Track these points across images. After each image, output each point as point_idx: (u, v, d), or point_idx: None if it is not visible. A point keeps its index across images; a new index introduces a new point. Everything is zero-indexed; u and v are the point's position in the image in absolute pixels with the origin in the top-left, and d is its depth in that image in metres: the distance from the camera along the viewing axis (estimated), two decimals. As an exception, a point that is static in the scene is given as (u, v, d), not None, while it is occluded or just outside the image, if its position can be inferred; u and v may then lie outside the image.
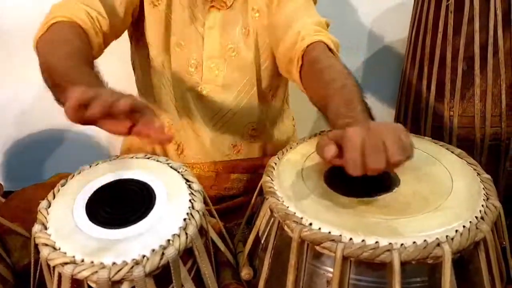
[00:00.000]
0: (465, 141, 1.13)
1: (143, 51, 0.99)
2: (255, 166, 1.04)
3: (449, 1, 1.09)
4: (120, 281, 0.52)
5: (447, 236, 0.54)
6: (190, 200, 0.61)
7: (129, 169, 0.67)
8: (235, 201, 1.01)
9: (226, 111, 1.00)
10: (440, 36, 1.12)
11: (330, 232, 0.56)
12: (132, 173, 0.66)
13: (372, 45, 1.60)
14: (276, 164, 0.71)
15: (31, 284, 0.64)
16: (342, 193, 0.63)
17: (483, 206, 0.60)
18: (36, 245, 0.58)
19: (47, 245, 0.55)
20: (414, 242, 0.53)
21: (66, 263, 0.52)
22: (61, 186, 0.65)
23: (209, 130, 1.01)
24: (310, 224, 0.58)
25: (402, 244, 0.53)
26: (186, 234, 0.56)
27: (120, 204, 0.62)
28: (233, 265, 0.70)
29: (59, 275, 0.54)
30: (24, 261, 0.73)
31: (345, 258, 0.55)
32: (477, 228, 0.56)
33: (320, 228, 0.57)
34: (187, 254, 0.58)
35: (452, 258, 0.53)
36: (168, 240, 0.55)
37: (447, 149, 0.73)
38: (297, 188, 0.65)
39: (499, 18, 1.05)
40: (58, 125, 1.51)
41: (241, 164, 1.04)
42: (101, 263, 0.52)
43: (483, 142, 1.12)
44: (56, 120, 1.52)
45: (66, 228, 0.57)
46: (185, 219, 0.58)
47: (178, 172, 0.67)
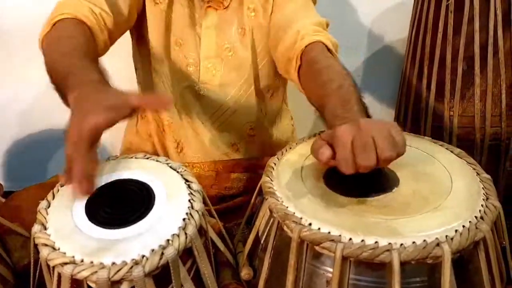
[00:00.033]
0: (465, 141, 1.13)
1: (145, 49, 0.99)
2: (255, 166, 1.04)
3: (449, 1, 1.09)
4: (119, 281, 0.52)
5: (446, 236, 0.54)
6: (189, 200, 0.61)
7: (129, 169, 0.67)
8: (234, 201, 1.01)
9: (224, 110, 1.00)
10: (440, 36, 1.12)
11: (329, 232, 0.56)
12: (132, 173, 0.66)
13: (372, 45, 1.60)
14: (275, 164, 0.71)
15: (31, 284, 0.64)
16: (341, 193, 0.63)
17: (482, 206, 0.60)
18: (35, 245, 0.57)
19: (46, 245, 0.55)
20: (413, 242, 0.53)
21: (65, 263, 0.52)
22: (61, 186, 0.65)
23: (208, 128, 1.01)
24: (310, 224, 0.57)
25: (401, 244, 0.53)
26: (186, 234, 0.56)
27: (120, 204, 0.61)
28: (233, 265, 0.70)
29: (59, 275, 0.54)
30: (24, 261, 0.73)
31: (344, 258, 0.54)
32: (476, 228, 0.56)
33: (319, 228, 0.57)
34: (186, 254, 0.58)
35: (452, 258, 0.53)
36: (168, 240, 0.55)
37: (446, 149, 0.73)
38: (297, 188, 0.65)
39: (499, 18, 1.05)
40: (58, 125, 1.49)
41: (241, 164, 1.04)
42: (101, 263, 0.52)
43: (483, 142, 1.12)
44: (56, 120, 1.52)
45: (66, 228, 0.57)
46: (184, 219, 0.58)
47: (178, 172, 0.67)
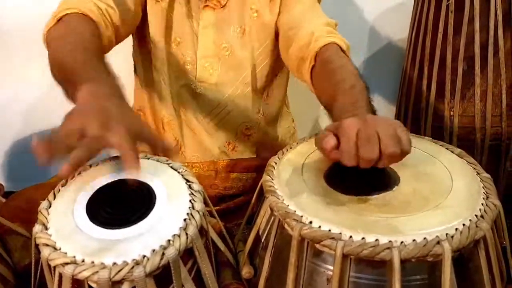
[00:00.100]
0: (465, 141, 1.13)
1: (145, 47, 0.99)
2: (255, 166, 1.04)
3: (449, 1, 1.09)
4: (120, 281, 0.52)
5: (447, 234, 0.54)
6: (190, 200, 0.61)
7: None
8: (235, 201, 1.01)
9: (220, 109, 1.00)
10: (440, 36, 1.12)
11: (330, 230, 0.56)
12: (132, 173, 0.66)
13: (372, 45, 1.60)
14: (276, 163, 0.71)
15: (32, 284, 0.64)
16: (342, 192, 0.63)
17: (483, 204, 0.60)
18: (36, 245, 0.57)
19: (47, 245, 0.55)
20: (414, 240, 0.53)
21: (66, 263, 0.52)
22: (62, 187, 0.65)
23: (204, 127, 1.02)
24: (310, 222, 0.58)
25: (402, 242, 0.53)
26: (187, 234, 0.56)
27: (121, 204, 0.61)
28: (233, 265, 0.70)
29: (60, 275, 0.54)
30: (24, 261, 0.73)
31: (345, 256, 0.55)
32: (477, 226, 0.56)
33: (320, 226, 0.57)
34: (187, 254, 0.58)
35: (452, 256, 0.53)
36: (169, 240, 0.55)
37: (446, 149, 0.73)
38: (297, 186, 0.65)
39: (500, 18, 1.06)
40: (59, 126, 1.51)
41: (241, 164, 1.04)
42: (102, 263, 0.52)
43: (483, 142, 1.12)
44: (56, 120, 1.52)
45: (67, 229, 0.57)
46: (185, 219, 0.58)
47: (178, 172, 0.67)
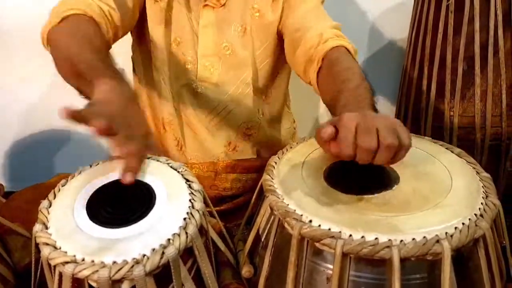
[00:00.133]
0: (465, 141, 1.13)
1: (145, 47, 0.99)
2: (254, 167, 1.04)
3: (449, 1, 1.09)
4: (120, 280, 0.52)
5: (446, 233, 0.54)
6: (190, 200, 0.61)
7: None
8: (234, 202, 1.01)
9: (221, 109, 1.00)
10: (440, 36, 1.12)
11: (329, 228, 0.56)
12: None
13: (372, 45, 1.60)
14: (276, 163, 0.72)
15: (32, 283, 0.64)
16: (341, 191, 0.63)
17: (482, 204, 0.60)
18: (37, 245, 0.58)
19: (48, 244, 0.55)
20: (413, 239, 0.53)
21: (67, 262, 0.52)
22: (62, 186, 0.65)
23: (205, 126, 1.01)
24: (310, 221, 0.58)
25: (401, 241, 0.53)
26: (186, 233, 0.56)
27: (121, 203, 0.62)
28: (233, 265, 0.70)
29: (60, 274, 0.54)
30: (25, 261, 0.73)
31: (344, 255, 0.55)
32: (476, 225, 0.56)
33: (320, 225, 0.57)
34: (187, 253, 0.58)
35: (452, 255, 0.53)
36: (169, 239, 0.55)
37: (446, 149, 0.73)
38: (297, 186, 0.65)
39: (500, 18, 1.05)
40: (59, 125, 1.51)
41: (240, 164, 1.04)
42: (102, 262, 0.52)
43: (483, 142, 1.12)
44: (56, 120, 1.52)
45: (67, 228, 0.57)
46: (185, 219, 0.58)
47: (178, 172, 0.67)
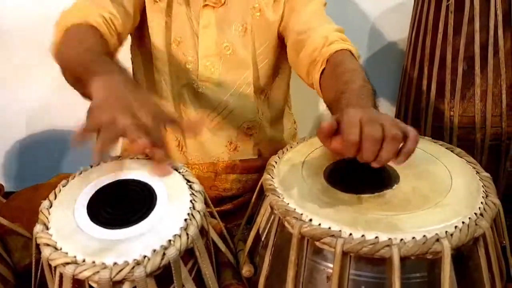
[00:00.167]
0: (465, 141, 1.13)
1: (145, 48, 0.99)
2: (255, 167, 1.04)
3: (449, 1, 1.09)
4: (121, 281, 0.52)
5: (446, 231, 0.54)
6: (191, 201, 0.61)
7: (130, 169, 0.67)
8: (234, 203, 1.01)
9: (222, 108, 1.00)
10: (440, 36, 1.12)
11: (330, 227, 0.56)
12: (133, 173, 0.66)
13: (372, 45, 1.60)
14: (276, 162, 0.72)
15: (32, 284, 0.64)
16: (341, 190, 0.63)
17: (482, 203, 0.60)
18: (37, 245, 0.58)
19: (48, 245, 0.55)
20: (413, 238, 0.54)
21: (67, 263, 0.52)
22: (62, 187, 0.65)
23: (206, 126, 1.01)
24: (310, 220, 0.58)
25: (401, 240, 0.53)
26: (187, 234, 0.56)
27: (121, 204, 0.61)
28: (234, 266, 0.70)
29: (61, 275, 0.54)
30: (25, 262, 0.73)
31: (345, 254, 0.55)
32: (476, 224, 0.56)
33: (320, 224, 0.57)
34: (188, 254, 0.58)
35: (452, 254, 0.53)
36: (169, 240, 0.55)
37: (446, 149, 0.74)
38: (297, 185, 0.65)
39: (500, 18, 1.05)
40: (59, 126, 1.51)
41: (240, 165, 1.04)
42: (103, 263, 0.52)
43: (483, 142, 1.12)
44: (56, 120, 1.53)
45: (68, 229, 0.57)
46: (186, 220, 0.58)
47: (179, 172, 0.67)
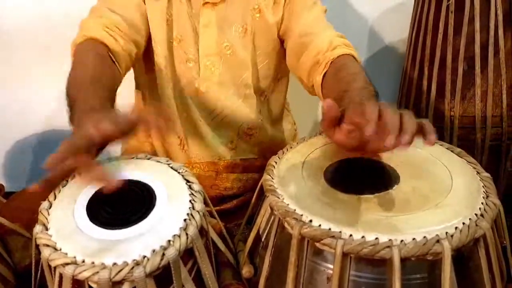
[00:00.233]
0: (465, 141, 1.13)
1: (146, 47, 0.99)
2: (255, 166, 1.04)
3: (449, 1, 1.09)
4: (121, 282, 0.52)
5: (446, 232, 0.54)
6: (190, 201, 0.61)
7: (130, 169, 0.67)
8: (235, 202, 1.01)
9: (222, 108, 1.00)
10: (440, 36, 1.12)
11: (330, 228, 0.56)
12: (133, 173, 0.66)
13: (372, 46, 1.60)
14: (276, 163, 0.72)
15: (32, 285, 0.64)
16: (342, 190, 0.63)
17: (482, 203, 0.60)
18: (37, 246, 0.58)
19: (48, 245, 0.55)
20: (413, 239, 0.53)
21: (67, 264, 0.52)
22: (62, 187, 0.65)
23: (207, 126, 1.01)
24: (310, 221, 0.58)
25: (402, 241, 0.53)
26: (187, 234, 0.56)
27: (121, 204, 0.61)
28: (234, 266, 0.70)
29: (60, 276, 0.54)
30: (25, 262, 0.73)
31: (345, 255, 0.55)
32: (476, 225, 0.56)
33: (320, 225, 0.57)
34: (187, 254, 0.58)
35: (452, 255, 0.53)
36: (169, 240, 0.55)
37: (447, 149, 0.73)
38: (297, 185, 0.65)
39: (500, 18, 1.05)
40: (59, 126, 1.51)
41: (241, 164, 1.04)
42: (102, 263, 0.52)
43: (483, 142, 1.12)
44: (56, 120, 1.52)
45: (67, 229, 0.57)
46: (185, 220, 0.58)
47: (179, 172, 0.67)
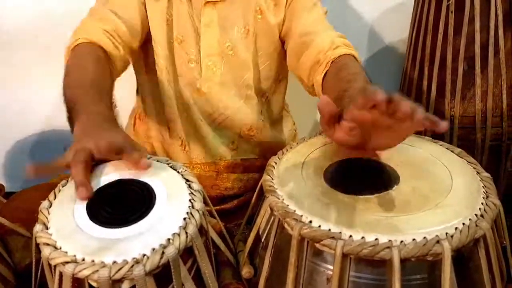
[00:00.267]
0: (466, 141, 1.13)
1: (147, 46, 0.99)
2: (256, 166, 1.04)
3: (449, 1, 1.09)
4: (120, 280, 0.52)
5: (446, 233, 0.54)
6: (190, 200, 0.61)
7: (130, 169, 0.67)
8: (236, 202, 1.02)
9: (223, 109, 1.00)
10: (440, 36, 1.12)
11: (330, 229, 0.56)
12: (133, 173, 0.66)
13: (372, 46, 1.60)
14: (276, 163, 0.72)
15: (33, 284, 0.65)
16: (341, 191, 0.63)
17: (482, 204, 0.60)
18: (37, 245, 0.58)
19: (48, 244, 0.55)
20: (413, 239, 0.53)
21: (67, 262, 0.52)
22: (62, 186, 0.65)
23: (208, 126, 1.01)
24: (310, 221, 0.58)
25: (401, 241, 0.53)
26: (186, 233, 0.56)
27: (121, 204, 0.61)
28: (233, 265, 0.70)
29: (60, 274, 0.54)
30: (25, 262, 0.73)
31: (345, 255, 0.55)
32: (476, 225, 0.56)
33: (320, 226, 0.57)
34: (187, 253, 0.58)
35: (452, 256, 0.53)
36: (168, 239, 0.55)
37: (447, 149, 0.73)
38: (297, 186, 0.65)
39: (500, 18, 1.06)
40: (59, 126, 1.51)
41: (242, 164, 1.04)
42: (102, 262, 0.52)
43: (484, 143, 1.12)
44: (56, 120, 1.53)
45: (67, 228, 0.57)
46: (185, 219, 0.58)
47: (178, 172, 0.67)
